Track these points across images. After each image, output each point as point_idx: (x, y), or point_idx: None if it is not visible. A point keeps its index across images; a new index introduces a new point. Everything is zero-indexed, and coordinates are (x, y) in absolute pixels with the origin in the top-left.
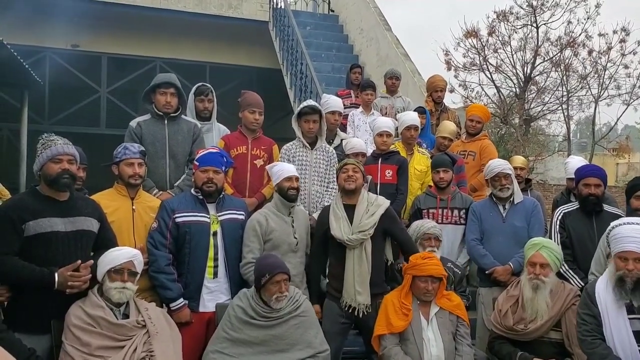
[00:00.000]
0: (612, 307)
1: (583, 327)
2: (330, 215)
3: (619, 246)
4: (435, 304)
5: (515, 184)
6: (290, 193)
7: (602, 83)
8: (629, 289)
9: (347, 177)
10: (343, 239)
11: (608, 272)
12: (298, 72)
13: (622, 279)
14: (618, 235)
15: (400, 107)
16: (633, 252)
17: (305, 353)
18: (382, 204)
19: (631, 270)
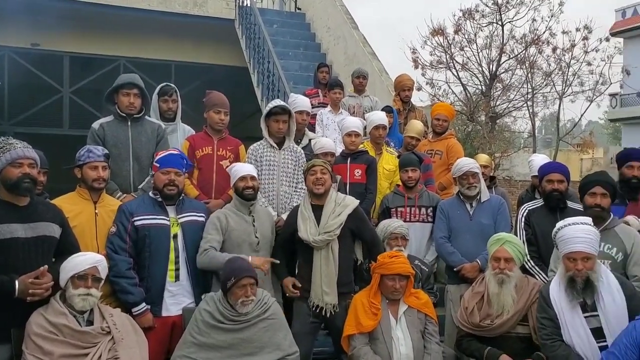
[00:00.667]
0: (566, 307)
1: (542, 331)
2: (298, 216)
3: (566, 247)
4: (403, 302)
5: (482, 183)
6: (246, 193)
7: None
8: (580, 289)
9: (315, 180)
10: (309, 240)
11: (559, 273)
12: (265, 71)
13: (573, 279)
14: (564, 236)
15: (368, 107)
16: (581, 252)
17: (275, 355)
18: (349, 204)
19: (580, 269)
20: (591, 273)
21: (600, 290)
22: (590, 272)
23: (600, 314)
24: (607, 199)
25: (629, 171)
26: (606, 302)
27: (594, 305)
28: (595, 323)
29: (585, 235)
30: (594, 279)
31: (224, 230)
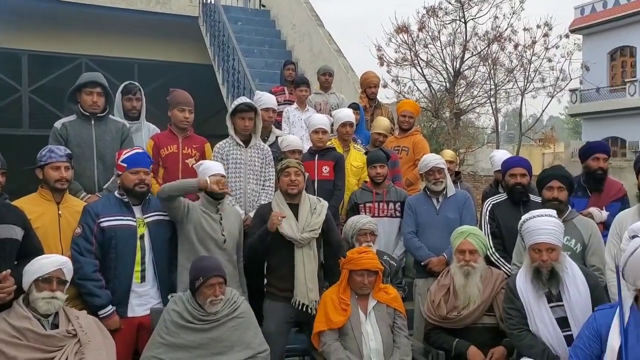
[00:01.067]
0: (532, 298)
1: (509, 322)
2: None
3: (532, 239)
4: (372, 297)
5: (448, 178)
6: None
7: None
8: (545, 279)
9: (289, 182)
10: (296, 238)
11: (525, 264)
12: (230, 68)
13: (538, 270)
14: (529, 228)
15: (335, 104)
16: (545, 243)
17: (245, 354)
18: (324, 204)
19: (545, 260)
20: (556, 264)
21: (565, 281)
22: (555, 263)
23: (565, 304)
24: (563, 192)
25: (595, 163)
26: (571, 293)
27: (559, 295)
28: (561, 313)
29: (550, 226)
30: (559, 270)
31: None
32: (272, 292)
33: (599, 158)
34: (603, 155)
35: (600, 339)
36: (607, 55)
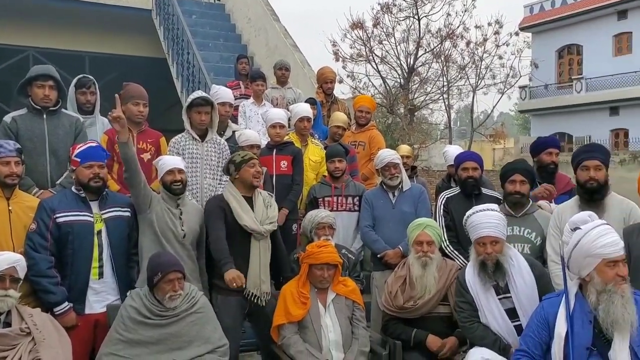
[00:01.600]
0: (481, 291)
1: (461, 315)
2: (235, 206)
3: (476, 233)
4: (331, 290)
5: (404, 173)
6: (174, 187)
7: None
8: (490, 272)
9: (256, 173)
10: (259, 230)
11: (472, 258)
12: (185, 62)
13: (484, 263)
14: (473, 223)
15: (291, 98)
16: (489, 236)
17: (204, 349)
18: (272, 197)
19: (490, 253)
20: (500, 256)
21: (512, 273)
22: (500, 255)
23: (512, 295)
24: (525, 185)
25: (548, 157)
26: (517, 284)
27: (506, 287)
28: (509, 304)
29: (493, 220)
30: (503, 262)
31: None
32: (224, 286)
33: (551, 152)
34: (555, 150)
35: (548, 326)
36: (555, 53)
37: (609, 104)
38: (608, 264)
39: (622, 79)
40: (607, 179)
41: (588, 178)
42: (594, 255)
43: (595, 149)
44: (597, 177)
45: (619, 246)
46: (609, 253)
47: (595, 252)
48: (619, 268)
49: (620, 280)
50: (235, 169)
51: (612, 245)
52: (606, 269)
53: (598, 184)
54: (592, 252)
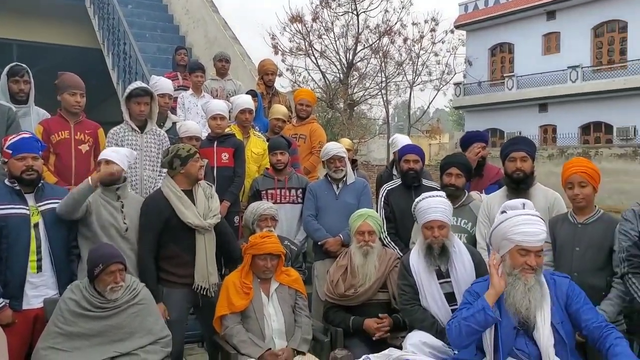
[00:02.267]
0: (424, 274)
1: (402, 297)
2: (175, 202)
3: (424, 217)
4: (274, 280)
5: (349, 166)
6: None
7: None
8: (436, 255)
9: (201, 167)
10: (203, 225)
11: (418, 242)
12: (121, 53)
13: (430, 246)
14: (422, 208)
15: (232, 90)
16: (437, 220)
17: (146, 340)
18: (212, 187)
19: (437, 236)
20: (446, 240)
21: (453, 259)
22: (445, 240)
23: (452, 280)
24: (461, 178)
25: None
26: (458, 269)
27: (447, 272)
28: (448, 288)
29: (441, 206)
30: (449, 246)
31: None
32: (171, 279)
33: (480, 146)
34: (482, 144)
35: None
36: (488, 51)
37: (538, 101)
38: (520, 250)
39: (551, 77)
40: (532, 170)
41: (515, 169)
42: (509, 239)
43: (521, 142)
44: (523, 168)
45: (537, 238)
46: (522, 241)
47: (511, 236)
48: (529, 257)
49: (528, 269)
50: (182, 164)
51: (531, 235)
52: (517, 255)
53: (524, 174)
54: (508, 235)
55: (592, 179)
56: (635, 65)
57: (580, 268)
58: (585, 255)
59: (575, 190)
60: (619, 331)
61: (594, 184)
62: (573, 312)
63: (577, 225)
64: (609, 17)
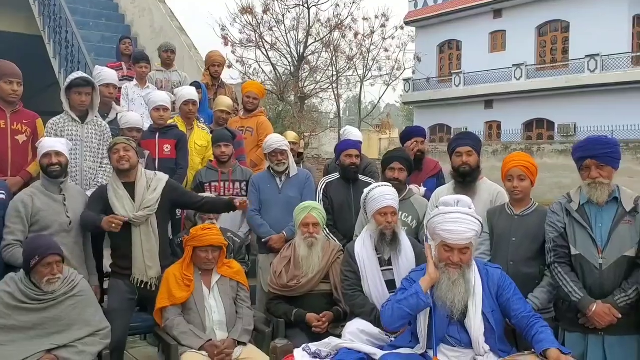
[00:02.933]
0: (368, 262)
1: (345, 283)
2: (111, 195)
3: (377, 205)
4: (216, 272)
5: (291, 159)
6: (50, 170)
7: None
8: (388, 241)
9: (118, 159)
10: (129, 217)
11: (367, 230)
12: (63, 41)
13: (383, 233)
14: (374, 196)
15: (177, 82)
16: (390, 206)
17: (85, 332)
18: (162, 178)
19: (390, 222)
20: (396, 227)
21: (398, 247)
22: (396, 226)
23: (394, 269)
24: (403, 173)
25: (414, 146)
26: (400, 258)
27: (389, 260)
28: (390, 276)
29: (392, 193)
30: (399, 232)
31: (30, 216)
32: (115, 270)
33: (417, 141)
34: (420, 139)
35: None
36: (436, 47)
37: (484, 97)
38: (444, 246)
39: (497, 74)
40: (478, 164)
41: (461, 163)
42: (436, 234)
43: (467, 137)
44: (468, 162)
45: (461, 236)
46: (447, 238)
47: (438, 232)
48: (452, 254)
49: (451, 264)
50: (109, 157)
51: (455, 233)
52: (442, 250)
53: (470, 167)
54: (436, 231)
55: (530, 173)
56: (576, 64)
57: (516, 257)
58: (521, 245)
59: (515, 183)
60: (544, 320)
61: (532, 178)
62: (503, 302)
63: (514, 217)
64: (553, 17)
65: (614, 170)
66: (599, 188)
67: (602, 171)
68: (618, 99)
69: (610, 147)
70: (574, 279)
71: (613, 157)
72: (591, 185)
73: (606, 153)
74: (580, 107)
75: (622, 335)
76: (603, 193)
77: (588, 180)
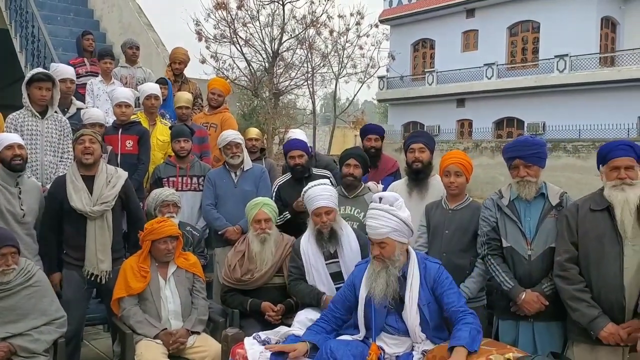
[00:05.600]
0: (312, 256)
1: (290, 277)
2: (69, 186)
3: (312, 205)
4: (173, 263)
5: (245, 153)
6: (14, 163)
7: (342, 62)
8: (326, 238)
9: (83, 150)
10: (85, 211)
11: (309, 228)
12: (29, 35)
13: (320, 232)
14: (310, 196)
15: (142, 78)
16: (324, 206)
17: (40, 321)
18: (122, 176)
19: (325, 222)
20: (334, 224)
21: (341, 240)
22: (334, 223)
23: (340, 261)
24: (359, 169)
25: (368, 143)
26: (345, 250)
27: (335, 253)
28: (335, 268)
29: (326, 193)
30: (337, 229)
31: None
32: (68, 260)
33: (370, 138)
34: (374, 136)
35: (354, 287)
36: (410, 46)
37: (456, 96)
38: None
39: (469, 73)
40: (430, 160)
41: (414, 159)
42: None
43: (420, 135)
44: (420, 158)
45: (375, 231)
46: (368, 233)
47: None
48: (373, 247)
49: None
50: (73, 147)
51: (370, 228)
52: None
53: (422, 164)
54: None
55: (466, 170)
56: (545, 64)
57: (449, 249)
58: (453, 238)
59: (451, 179)
60: (474, 316)
61: (467, 174)
62: (438, 295)
63: (448, 211)
64: (524, 17)
65: (541, 168)
66: (526, 185)
67: (530, 170)
68: (586, 99)
69: (536, 148)
70: (505, 269)
71: (539, 157)
72: (520, 183)
73: (533, 153)
74: (549, 106)
75: (550, 321)
76: (530, 190)
77: (517, 179)
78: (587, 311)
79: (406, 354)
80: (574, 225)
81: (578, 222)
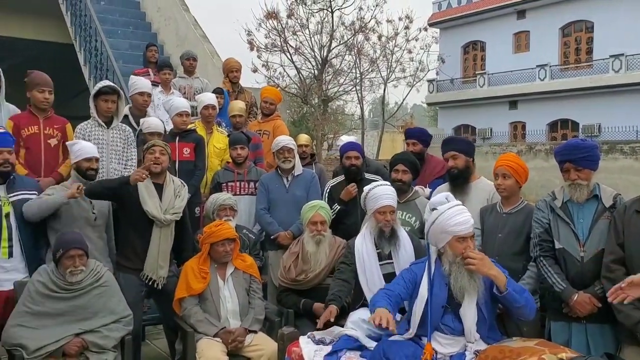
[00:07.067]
0: (367, 256)
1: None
2: (142, 191)
3: (377, 203)
4: (231, 265)
5: (297, 158)
6: (89, 173)
7: (390, 66)
8: (387, 237)
9: (154, 159)
10: (160, 218)
11: (368, 227)
12: (92, 49)
13: (382, 230)
14: (374, 195)
15: (199, 88)
16: (389, 205)
17: (109, 319)
18: (186, 189)
19: (389, 220)
20: (395, 224)
21: (398, 241)
22: (394, 224)
23: (394, 262)
24: (407, 175)
25: (408, 147)
26: (400, 252)
27: (389, 255)
28: (390, 269)
29: (390, 192)
30: (398, 229)
31: None
32: (126, 265)
33: (409, 143)
34: (412, 140)
35: (415, 283)
36: (460, 48)
37: (508, 98)
38: (458, 239)
39: (521, 75)
40: (467, 165)
41: (450, 167)
42: (447, 232)
43: (450, 142)
44: (456, 165)
45: (468, 224)
46: (459, 231)
47: (449, 229)
48: (467, 243)
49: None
50: (143, 157)
51: (462, 224)
52: (456, 243)
53: (458, 170)
54: (445, 229)
55: (515, 173)
56: (600, 64)
57: (501, 252)
58: (506, 241)
59: (499, 181)
60: None
61: (517, 177)
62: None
63: (502, 214)
64: (577, 17)
65: (593, 171)
66: (577, 189)
67: (580, 173)
68: None
69: (587, 151)
70: (557, 271)
71: (590, 160)
72: (571, 186)
73: (583, 157)
74: (605, 107)
75: (603, 323)
76: (582, 193)
77: (568, 182)
78: (633, 313)
79: (459, 354)
80: (620, 226)
81: (624, 223)
